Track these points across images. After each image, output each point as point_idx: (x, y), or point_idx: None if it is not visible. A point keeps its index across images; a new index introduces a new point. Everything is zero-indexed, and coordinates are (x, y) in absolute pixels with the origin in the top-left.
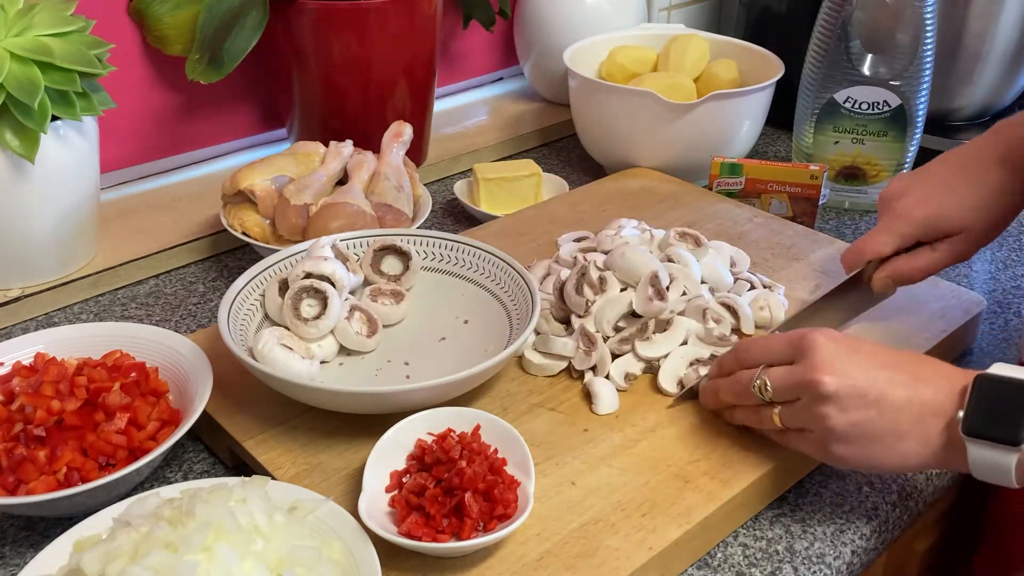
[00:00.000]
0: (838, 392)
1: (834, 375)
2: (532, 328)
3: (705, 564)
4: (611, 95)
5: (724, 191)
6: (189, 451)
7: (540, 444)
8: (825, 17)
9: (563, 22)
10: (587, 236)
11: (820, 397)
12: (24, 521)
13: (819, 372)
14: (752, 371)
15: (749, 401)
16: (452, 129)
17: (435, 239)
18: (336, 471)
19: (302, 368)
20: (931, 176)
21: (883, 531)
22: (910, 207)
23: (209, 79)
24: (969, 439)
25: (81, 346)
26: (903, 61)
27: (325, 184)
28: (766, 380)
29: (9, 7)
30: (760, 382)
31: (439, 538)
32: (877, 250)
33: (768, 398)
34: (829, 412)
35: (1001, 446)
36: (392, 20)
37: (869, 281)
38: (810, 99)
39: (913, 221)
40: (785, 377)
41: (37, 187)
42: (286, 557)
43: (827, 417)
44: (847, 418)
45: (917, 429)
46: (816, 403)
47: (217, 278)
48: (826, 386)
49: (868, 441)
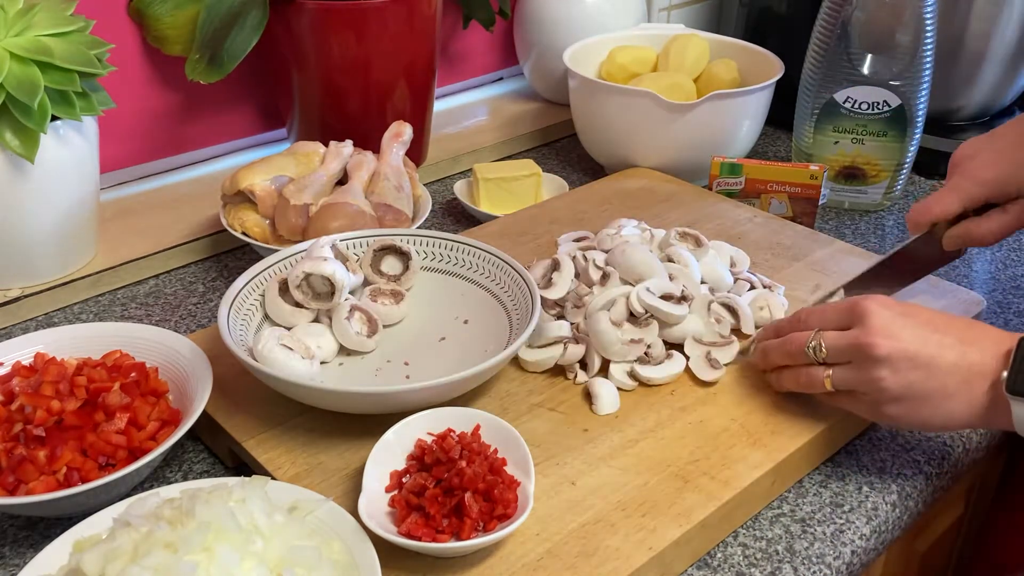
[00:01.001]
0: (891, 355)
1: (888, 339)
2: (532, 328)
3: (705, 564)
4: (611, 95)
5: (724, 191)
6: (189, 451)
7: (540, 444)
8: (825, 17)
9: (563, 22)
10: (587, 236)
11: (874, 360)
12: (24, 521)
13: (873, 335)
14: (807, 333)
15: (800, 362)
16: (452, 129)
17: (435, 239)
18: (336, 471)
19: (302, 368)
20: (1002, 137)
21: (883, 531)
22: (980, 168)
23: (209, 79)
24: (1013, 398)
25: (81, 346)
26: (903, 61)
27: (325, 184)
28: (821, 342)
29: (9, 7)
30: (815, 343)
31: (439, 538)
32: (945, 210)
33: (821, 359)
34: (883, 374)
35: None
36: (392, 20)
37: (939, 240)
38: (810, 99)
39: (983, 182)
40: (840, 339)
41: (37, 187)
42: (286, 557)
43: (880, 379)
44: (899, 380)
45: (964, 389)
46: (870, 366)
47: (217, 278)
48: (880, 348)
49: (918, 401)
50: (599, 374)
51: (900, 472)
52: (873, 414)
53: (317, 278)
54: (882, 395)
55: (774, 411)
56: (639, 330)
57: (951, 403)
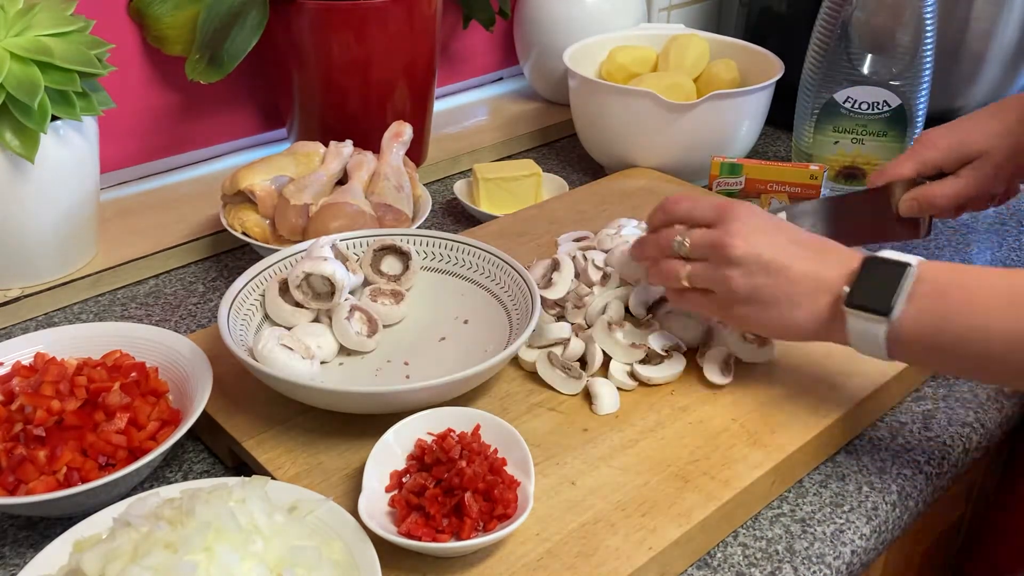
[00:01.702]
0: (744, 257)
1: (745, 241)
2: (532, 328)
3: (705, 564)
4: (611, 95)
5: (724, 191)
6: (189, 451)
7: (540, 444)
8: (825, 17)
9: (563, 22)
10: (587, 236)
11: (727, 259)
12: (24, 521)
13: (732, 236)
14: (678, 228)
15: (667, 254)
16: (452, 129)
17: (435, 239)
18: (336, 471)
19: (302, 368)
20: (961, 118)
21: (883, 531)
22: (934, 136)
23: (209, 79)
24: (849, 310)
25: (81, 346)
26: (903, 61)
27: (325, 184)
28: (685, 237)
29: (9, 7)
30: (682, 238)
31: (439, 538)
32: (899, 172)
33: (684, 253)
34: (733, 274)
35: (874, 316)
36: (392, 20)
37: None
38: (810, 99)
39: (937, 146)
40: (703, 236)
41: (37, 187)
42: (286, 557)
43: (730, 279)
44: (748, 282)
45: (808, 301)
46: (723, 264)
47: (217, 278)
48: (735, 249)
49: (763, 305)
50: (599, 373)
51: (900, 472)
52: (721, 313)
53: (317, 278)
54: (730, 295)
55: (774, 411)
56: (640, 331)
57: (795, 312)
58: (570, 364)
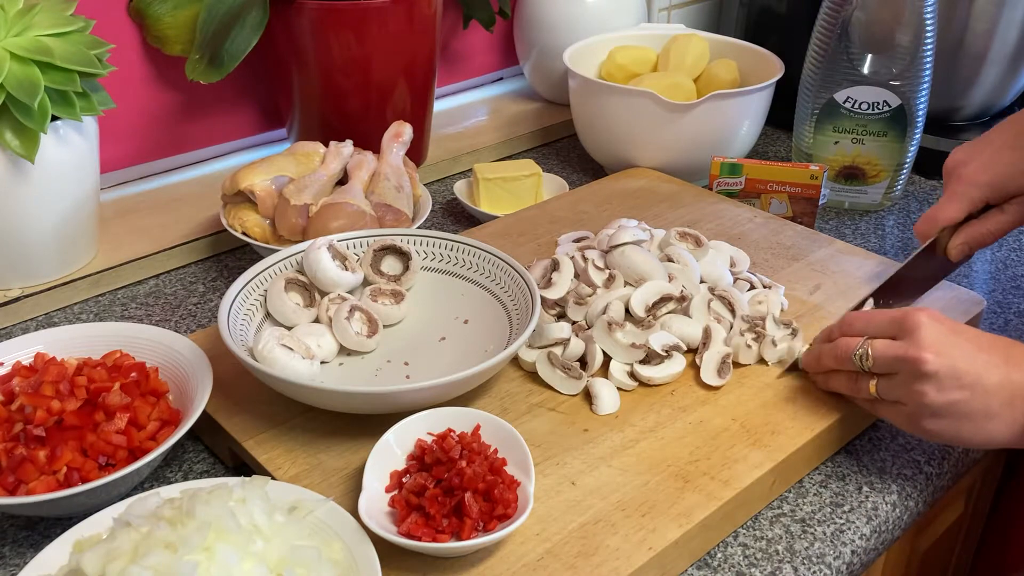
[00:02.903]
0: (939, 372)
1: (937, 355)
2: (532, 328)
3: (705, 564)
4: (611, 95)
5: (724, 191)
6: (189, 451)
7: (540, 444)
8: (825, 17)
9: (563, 22)
10: (587, 236)
11: (920, 375)
12: (24, 521)
13: (923, 350)
14: (855, 339)
15: (847, 367)
16: (452, 129)
17: (435, 239)
18: (336, 471)
19: (302, 368)
20: (993, 141)
21: (883, 531)
22: (976, 172)
23: (209, 79)
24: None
25: (81, 346)
26: (903, 61)
27: (325, 184)
28: (868, 350)
29: (9, 7)
30: (862, 351)
31: (439, 538)
32: (950, 217)
33: (867, 368)
34: (927, 390)
35: None
36: (392, 20)
37: (944, 250)
38: (810, 99)
39: (980, 185)
40: (888, 350)
41: (37, 187)
42: (286, 557)
43: (924, 395)
44: (944, 397)
45: (1006, 411)
46: (915, 380)
47: (217, 278)
48: (928, 364)
49: (959, 419)
50: (599, 373)
51: (900, 472)
52: (912, 427)
53: None
54: (924, 410)
55: (774, 411)
56: (640, 332)
57: (992, 423)
58: (570, 364)
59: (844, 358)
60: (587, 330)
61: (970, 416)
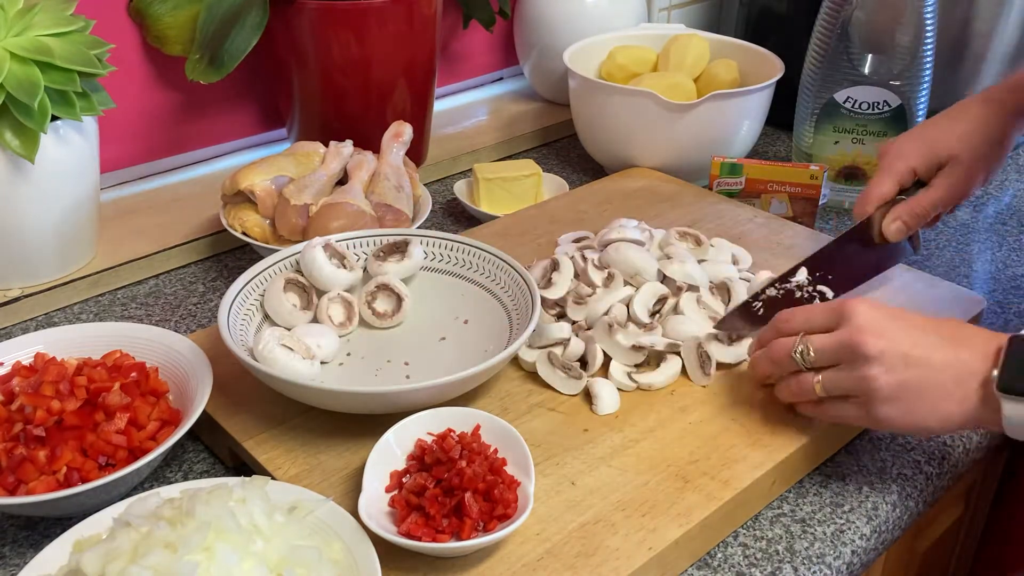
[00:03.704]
0: (883, 352)
1: (879, 336)
2: (532, 328)
3: (705, 564)
4: (611, 95)
5: (724, 191)
6: (189, 451)
7: (540, 444)
8: (825, 17)
9: (563, 22)
10: (587, 236)
11: (864, 358)
12: (24, 521)
13: (863, 334)
14: (791, 339)
15: (789, 369)
16: (452, 129)
17: (435, 239)
18: (336, 471)
19: (303, 368)
20: (920, 124)
21: (883, 531)
22: (902, 144)
23: (209, 79)
24: (1003, 396)
25: (81, 346)
26: (903, 61)
27: (325, 184)
28: (807, 345)
29: (9, 7)
30: (802, 347)
31: (439, 538)
32: (880, 192)
33: (810, 363)
34: (874, 373)
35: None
36: (392, 20)
37: (881, 234)
38: (810, 99)
39: (906, 155)
40: (828, 340)
41: (37, 187)
42: (286, 557)
43: (873, 379)
44: (892, 378)
45: (957, 389)
46: (861, 365)
47: (217, 278)
48: (871, 346)
49: (912, 401)
50: (599, 374)
51: (900, 472)
52: (866, 419)
53: None
54: (875, 395)
55: (774, 411)
56: (641, 333)
57: (946, 403)
58: (570, 364)
59: (783, 359)
60: (587, 330)
61: (922, 395)
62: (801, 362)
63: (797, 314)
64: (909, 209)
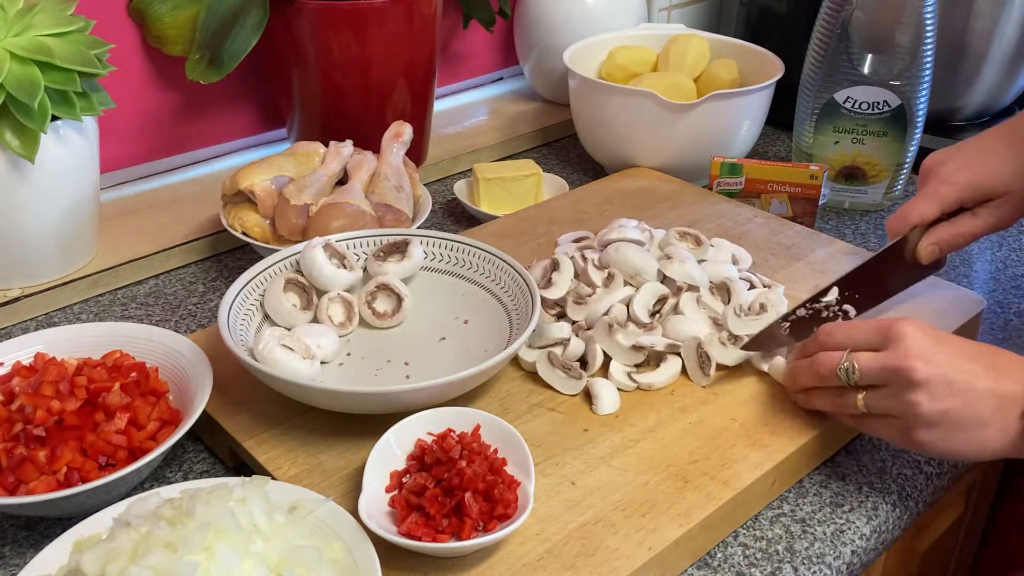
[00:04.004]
0: (930, 380)
1: (927, 363)
2: (532, 328)
3: (705, 564)
4: (611, 95)
5: (724, 191)
6: (189, 451)
7: (540, 444)
8: (825, 17)
9: (563, 22)
10: (587, 236)
11: (911, 384)
12: (24, 521)
13: (912, 359)
14: (837, 354)
15: (831, 383)
16: (452, 129)
17: (435, 239)
18: (336, 471)
19: (303, 368)
20: (973, 144)
21: (883, 531)
22: (952, 172)
23: (209, 79)
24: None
25: (81, 346)
26: (903, 61)
27: (325, 184)
28: (854, 363)
29: (9, 7)
30: (848, 365)
31: (439, 538)
32: (921, 214)
33: (854, 382)
34: (920, 399)
35: None
36: (392, 20)
37: (914, 251)
38: (810, 99)
39: (955, 184)
40: (875, 361)
41: (37, 187)
42: (286, 557)
43: (918, 404)
44: (937, 406)
45: (997, 418)
46: (907, 390)
47: (217, 278)
48: (919, 372)
49: (952, 429)
50: (599, 373)
51: (900, 472)
52: (904, 440)
53: None
54: (917, 420)
55: (774, 411)
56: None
57: (985, 431)
58: (570, 364)
59: (828, 374)
60: (587, 330)
61: (963, 424)
62: (845, 379)
63: (841, 328)
64: (951, 237)
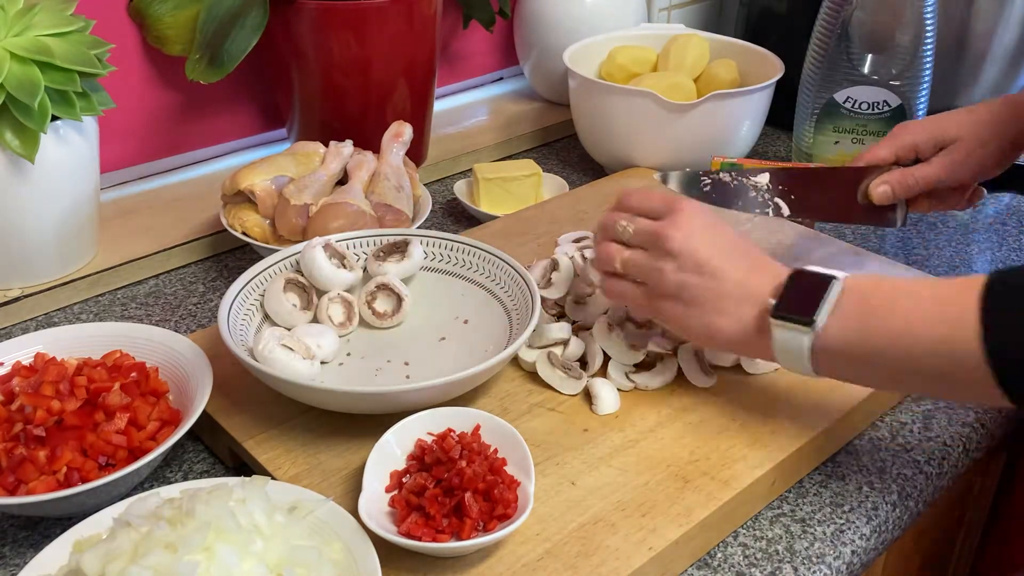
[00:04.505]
0: (682, 252)
1: (686, 237)
2: (532, 328)
3: (705, 564)
4: (611, 95)
5: None
6: (189, 451)
7: (540, 444)
8: (825, 17)
9: (563, 22)
10: (587, 236)
11: (665, 251)
12: (24, 521)
13: (673, 229)
14: (624, 215)
15: (609, 236)
16: (452, 129)
17: (435, 239)
18: (336, 471)
19: (303, 368)
20: None
21: (883, 531)
22: (911, 125)
23: (209, 79)
24: (774, 321)
25: (81, 346)
26: (903, 61)
27: (325, 184)
28: (630, 223)
29: (9, 7)
30: (626, 222)
31: (439, 538)
32: (875, 154)
33: (626, 239)
34: (666, 267)
35: (799, 327)
36: (392, 20)
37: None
38: (810, 99)
39: (911, 131)
40: (647, 225)
41: (37, 187)
42: (286, 557)
43: (662, 271)
44: (679, 277)
45: (735, 309)
46: (659, 255)
47: (217, 278)
48: (674, 242)
49: (689, 305)
50: (599, 373)
51: (900, 472)
52: (647, 306)
53: None
54: (659, 287)
55: (774, 411)
56: (640, 333)
57: (720, 319)
58: (570, 364)
59: (610, 229)
60: (587, 330)
61: (700, 304)
62: (621, 235)
63: (639, 193)
64: (900, 177)
